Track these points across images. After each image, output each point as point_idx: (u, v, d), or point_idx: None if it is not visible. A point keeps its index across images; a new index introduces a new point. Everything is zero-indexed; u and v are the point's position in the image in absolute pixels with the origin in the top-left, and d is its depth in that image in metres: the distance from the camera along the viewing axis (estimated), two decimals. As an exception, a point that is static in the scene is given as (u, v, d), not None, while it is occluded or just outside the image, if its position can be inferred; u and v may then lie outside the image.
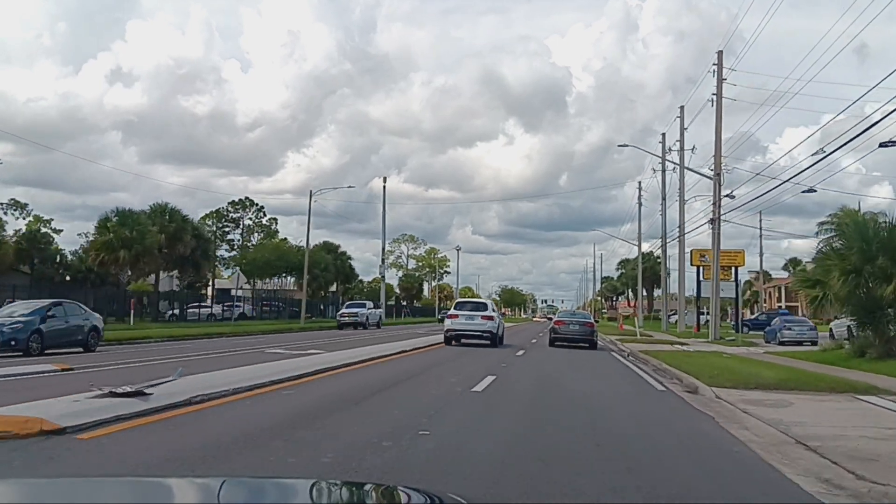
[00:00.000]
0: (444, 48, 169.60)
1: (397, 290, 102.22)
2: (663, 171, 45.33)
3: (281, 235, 75.13)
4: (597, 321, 36.00)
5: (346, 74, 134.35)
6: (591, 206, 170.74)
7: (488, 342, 22.91)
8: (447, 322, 24.18)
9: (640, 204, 56.70)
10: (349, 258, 75.62)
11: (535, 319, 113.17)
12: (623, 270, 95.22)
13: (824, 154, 21.60)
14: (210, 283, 61.58)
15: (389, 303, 78.41)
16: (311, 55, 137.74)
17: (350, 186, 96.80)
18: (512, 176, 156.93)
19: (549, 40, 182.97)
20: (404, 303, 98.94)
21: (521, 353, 20.76)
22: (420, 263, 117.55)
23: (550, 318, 61.43)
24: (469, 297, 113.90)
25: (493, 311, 25.22)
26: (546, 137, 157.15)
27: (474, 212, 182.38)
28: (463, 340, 23.25)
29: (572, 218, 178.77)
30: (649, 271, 73.74)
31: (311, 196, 49.80)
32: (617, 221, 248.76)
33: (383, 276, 69.21)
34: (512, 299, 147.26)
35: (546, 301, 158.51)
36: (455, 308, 25.34)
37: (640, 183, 58.88)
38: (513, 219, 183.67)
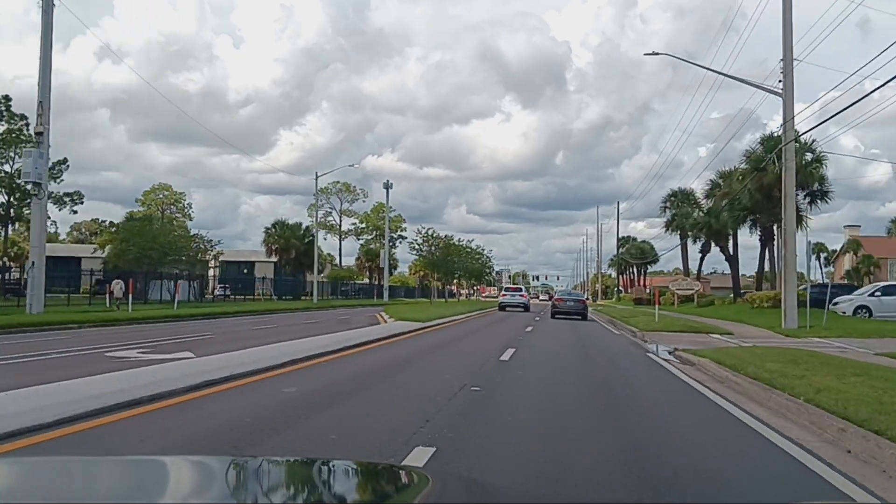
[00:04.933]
0: (440, 24, 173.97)
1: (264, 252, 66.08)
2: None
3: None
4: (588, 299, 47.55)
5: (340, 50, 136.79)
6: (588, 185, 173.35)
7: (523, 310, 39.89)
8: (500, 298, 43.29)
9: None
10: None
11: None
12: (675, 211, 54.14)
13: None
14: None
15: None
16: (304, 30, 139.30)
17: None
18: (508, 154, 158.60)
19: (547, 15, 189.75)
20: (274, 274, 62.91)
21: (538, 318, 33.31)
22: (365, 224, 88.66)
23: (545, 301, 59.16)
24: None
25: (525, 292, 45.19)
26: (544, 114, 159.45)
27: (469, 191, 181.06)
28: (507, 309, 40.11)
29: (568, 197, 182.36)
30: (811, 175, 35.16)
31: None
32: (613, 200, 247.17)
33: (41, 197, 25.06)
34: (450, 261, 67.32)
35: (537, 277, 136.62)
36: (505, 290, 44.83)
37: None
38: (508, 198, 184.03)
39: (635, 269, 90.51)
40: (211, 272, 60.67)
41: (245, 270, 66.06)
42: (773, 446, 6.03)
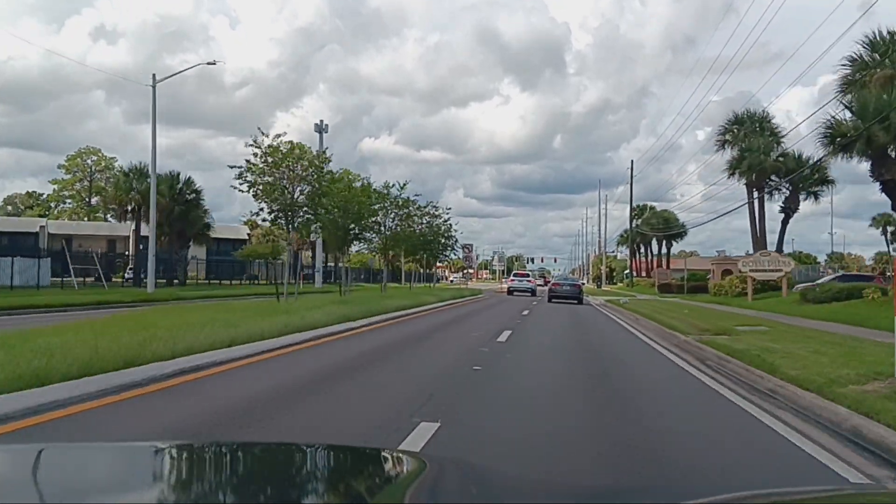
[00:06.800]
0: (437, 5, 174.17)
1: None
2: None
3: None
4: (585, 283, 51.60)
5: (337, 31, 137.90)
6: (586, 169, 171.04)
7: (530, 294, 45.02)
8: (508, 283, 48.23)
9: None
10: None
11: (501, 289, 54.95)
12: (742, 144, 37.96)
13: None
14: None
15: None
16: (301, 11, 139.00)
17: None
18: (506, 137, 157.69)
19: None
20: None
21: (540, 297, 40.31)
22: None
23: (540, 285, 56.61)
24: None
25: (532, 278, 50.40)
26: (542, 97, 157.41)
27: (467, 174, 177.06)
28: (515, 294, 44.91)
29: (566, 180, 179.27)
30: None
31: None
32: (610, 184, 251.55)
33: None
34: (344, 209, 25.52)
35: (532, 260, 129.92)
36: (512, 276, 50.78)
37: None
38: (506, 181, 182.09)
39: (655, 246, 70.23)
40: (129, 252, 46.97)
41: (141, 246, 41.84)
42: None
